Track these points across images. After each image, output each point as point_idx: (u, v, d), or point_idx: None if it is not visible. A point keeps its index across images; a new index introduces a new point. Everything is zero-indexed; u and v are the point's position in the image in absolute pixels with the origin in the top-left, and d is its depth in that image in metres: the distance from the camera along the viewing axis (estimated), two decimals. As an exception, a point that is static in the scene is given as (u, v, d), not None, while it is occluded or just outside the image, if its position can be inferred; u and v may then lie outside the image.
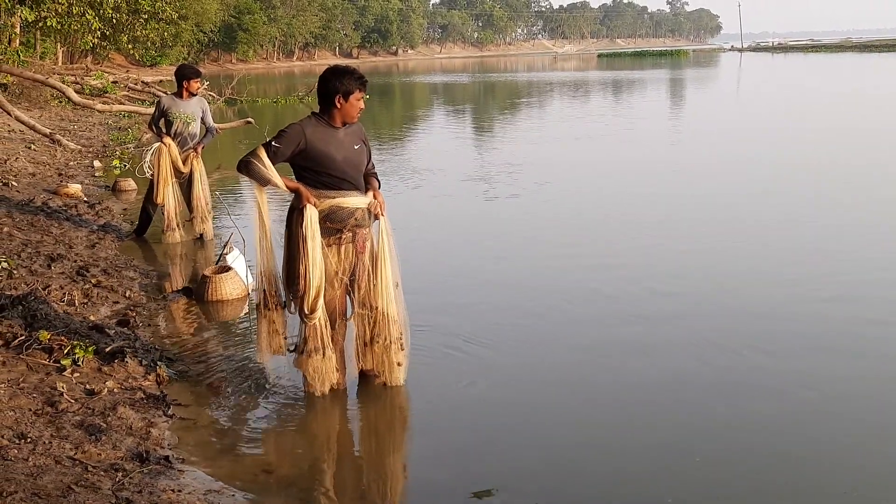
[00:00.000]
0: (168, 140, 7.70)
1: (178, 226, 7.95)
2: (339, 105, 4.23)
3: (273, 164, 4.18)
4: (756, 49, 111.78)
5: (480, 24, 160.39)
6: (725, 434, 4.03)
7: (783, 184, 10.77)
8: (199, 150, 7.88)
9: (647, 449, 3.88)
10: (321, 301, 4.23)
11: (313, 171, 4.23)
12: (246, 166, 4.20)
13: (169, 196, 7.78)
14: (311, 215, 4.17)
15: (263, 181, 4.21)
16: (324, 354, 4.29)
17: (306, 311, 4.23)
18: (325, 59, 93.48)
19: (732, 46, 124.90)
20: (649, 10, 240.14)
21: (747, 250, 7.45)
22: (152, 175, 7.89)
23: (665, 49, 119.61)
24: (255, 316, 4.47)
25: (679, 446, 3.90)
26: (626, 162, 13.20)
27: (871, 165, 12.06)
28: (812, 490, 3.54)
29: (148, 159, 8.04)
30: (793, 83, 36.21)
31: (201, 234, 8.01)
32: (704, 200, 9.83)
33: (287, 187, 4.23)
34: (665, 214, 9.01)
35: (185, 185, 7.89)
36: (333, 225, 4.26)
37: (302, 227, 4.16)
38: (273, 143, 4.19)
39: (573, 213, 9.27)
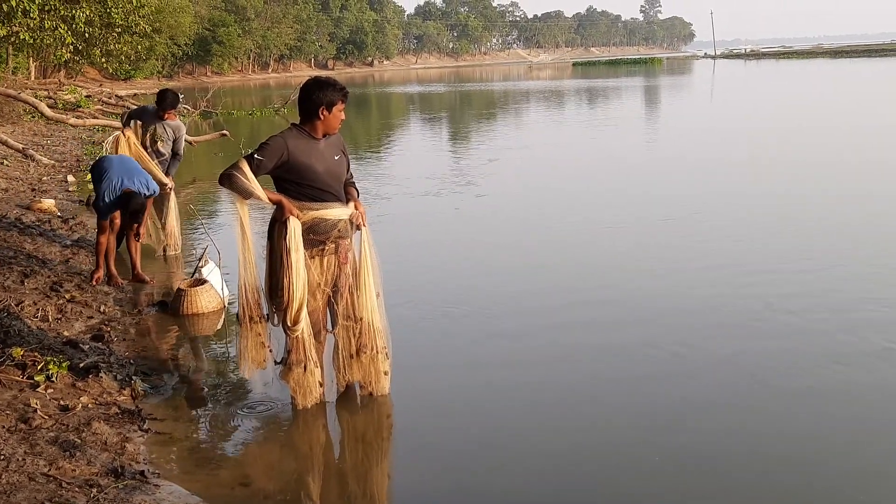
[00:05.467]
0: (129, 131, 7.66)
1: None
2: (322, 116, 4.22)
3: (255, 177, 4.16)
4: (729, 56, 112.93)
5: (455, 35, 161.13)
6: (715, 434, 4.02)
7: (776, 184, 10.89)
8: (172, 184, 7.88)
9: (639, 452, 3.87)
10: (304, 313, 4.22)
11: (295, 184, 4.22)
12: (228, 179, 4.16)
13: None
14: (295, 227, 4.15)
15: (246, 194, 4.17)
16: (305, 368, 4.27)
17: (289, 324, 4.21)
18: (301, 71, 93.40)
19: (706, 54, 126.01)
20: (623, 19, 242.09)
21: (719, 247, 7.51)
22: None
23: (639, 57, 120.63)
24: (238, 329, 4.44)
25: (670, 448, 3.89)
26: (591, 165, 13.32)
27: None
28: (810, 493, 3.53)
29: (108, 143, 7.97)
30: (768, 91, 36.55)
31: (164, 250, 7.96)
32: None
33: (269, 200, 4.21)
34: (659, 215, 9.08)
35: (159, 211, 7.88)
36: (317, 237, 4.25)
37: (285, 239, 4.14)
38: (255, 155, 4.15)
39: (554, 218, 9.30)
